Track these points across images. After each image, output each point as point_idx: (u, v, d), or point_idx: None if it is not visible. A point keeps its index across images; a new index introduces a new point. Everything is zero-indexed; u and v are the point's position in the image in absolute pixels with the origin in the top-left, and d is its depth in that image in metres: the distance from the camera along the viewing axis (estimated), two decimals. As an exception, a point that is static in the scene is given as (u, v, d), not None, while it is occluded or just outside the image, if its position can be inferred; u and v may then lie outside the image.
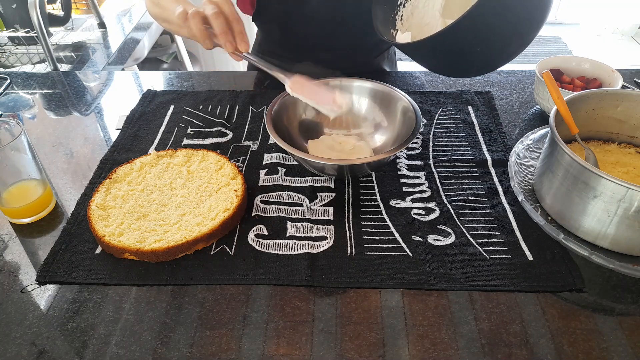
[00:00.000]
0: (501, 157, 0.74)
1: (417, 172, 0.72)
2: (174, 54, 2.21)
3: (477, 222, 0.63)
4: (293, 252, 0.60)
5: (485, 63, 0.67)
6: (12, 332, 0.52)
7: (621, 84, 0.77)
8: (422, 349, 0.50)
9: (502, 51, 0.64)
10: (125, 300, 0.55)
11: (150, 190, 0.67)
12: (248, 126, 0.83)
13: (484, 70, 0.72)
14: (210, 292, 0.56)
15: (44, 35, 1.22)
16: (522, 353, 0.49)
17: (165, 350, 0.50)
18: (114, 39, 1.56)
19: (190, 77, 1.01)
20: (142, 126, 0.84)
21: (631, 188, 0.50)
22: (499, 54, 0.65)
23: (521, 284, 0.55)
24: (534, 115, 0.85)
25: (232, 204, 0.63)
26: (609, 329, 0.51)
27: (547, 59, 0.84)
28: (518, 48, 0.64)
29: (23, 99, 0.95)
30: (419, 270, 0.57)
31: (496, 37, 0.62)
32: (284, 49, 0.99)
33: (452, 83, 0.94)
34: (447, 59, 0.67)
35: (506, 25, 0.60)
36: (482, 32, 0.60)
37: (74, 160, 0.78)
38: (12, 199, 0.64)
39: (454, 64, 0.69)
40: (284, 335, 0.51)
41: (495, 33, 0.61)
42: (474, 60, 0.65)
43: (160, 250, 0.58)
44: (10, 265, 0.60)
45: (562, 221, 0.60)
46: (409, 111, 0.71)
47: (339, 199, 0.68)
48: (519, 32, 0.62)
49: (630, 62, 3.00)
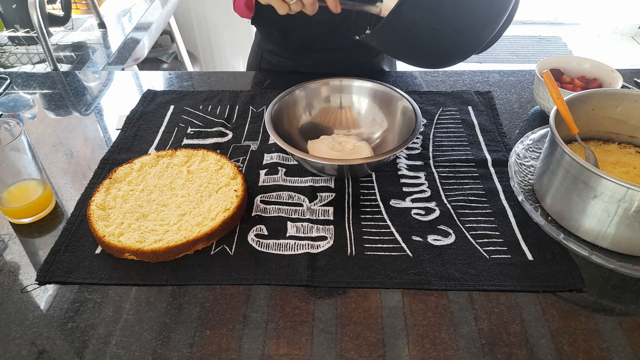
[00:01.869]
0: (501, 157, 0.74)
1: (417, 172, 0.72)
2: (174, 54, 2.21)
3: (477, 222, 0.63)
4: (293, 252, 0.60)
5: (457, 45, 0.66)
6: (12, 332, 0.52)
7: (621, 84, 0.77)
8: (422, 349, 0.50)
9: (469, 30, 0.63)
10: (125, 300, 0.55)
11: (150, 190, 0.67)
12: (248, 126, 0.83)
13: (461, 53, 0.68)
14: (210, 292, 0.56)
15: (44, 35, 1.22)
16: (522, 353, 0.49)
17: (165, 350, 0.50)
18: (114, 39, 1.56)
19: (190, 77, 1.01)
20: (142, 126, 0.84)
21: (631, 188, 0.50)
22: (466, 32, 0.64)
23: (521, 284, 0.55)
24: (534, 115, 0.85)
25: (232, 204, 0.63)
26: (609, 329, 0.51)
27: (547, 59, 0.84)
28: (485, 28, 0.63)
29: (23, 99, 0.95)
30: (419, 270, 0.57)
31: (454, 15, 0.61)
32: (284, 49, 0.99)
33: (452, 83, 0.94)
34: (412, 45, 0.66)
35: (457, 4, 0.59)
36: (433, 9, 0.59)
37: (74, 160, 0.78)
38: (12, 199, 0.64)
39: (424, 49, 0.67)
40: (284, 335, 0.51)
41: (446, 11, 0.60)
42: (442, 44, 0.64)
43: (160, 250, 0.58)
44: (10, 265, 0.60)
45: (562, 221, 0.60)
46: (409, 111, 0.72)
47: (339, 199, 0.68)
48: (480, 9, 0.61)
49: (630, 62, 3.00)
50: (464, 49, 0.66)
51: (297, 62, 0.98)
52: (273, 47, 1.00)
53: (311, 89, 0.78)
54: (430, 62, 0.73)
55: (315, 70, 0.95)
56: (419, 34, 0.62)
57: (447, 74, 0.97)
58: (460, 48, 0.66)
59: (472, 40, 0.65)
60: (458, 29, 0.62)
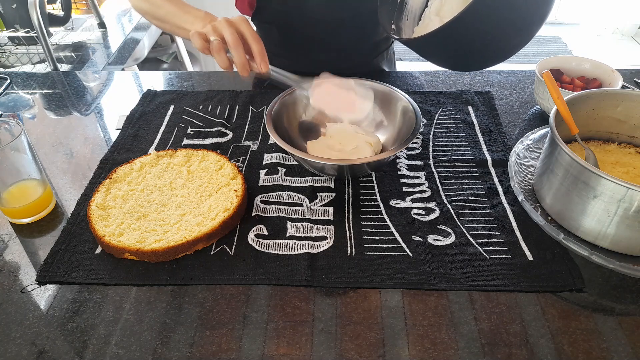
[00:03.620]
0: (501, 157, 0.74)
1: (417, 172, 0.72)
2: (174, 54, 2.21)
3: (477, 222, 0.63)
4: (293, 252, 0.60)
5: (496, 52, 0.68)
6: (12, 332, 0.52)
7: (621, 84, 0.77)
8: (422, 349, 0.50)
9: (511, 39, 0.66)
10: (125, 300, 0.55)
11: (150, 190, 0.67)
12: (248, 126, 0.83)
13: (496, 59, 0.72)
14: (210, 292, 0.56)
15: (44, 35, 1.22)
16: (522, 353, 0.49)
17: (165, 350, 0.50)
18: (114, 39, 1.56)
19: (190, 77, 1.01)
20: (142, 126, 0.84)
21: (631, 188, 0.50)
22: (507, 42, 0.66)
23: (521, 284, 0.55)
24: (534, 115, 0.85)
25: (232, 204, 0.63)
26: (609, 329, 0.51)
27: (547, 59, 0.84)
28: (526, 34, 0.65)
29: (23, 99, 0.95)
30: (419, 270, 0.57)
31: (504, 25, 0.63)
32: (284, 49, 0.99)
33: (452, 83, 0.94)
34: (456, 51, 0.68)
35: (516, 10, 0.61)
36: (489, 19, 0.61)
37: (74, 160, 0.78)
38: (12, 199, 0.64)
39: (464, 55, 0.70)
40: (284, 335, 0.51)
41: (502, 20, 0.62)
42: (483, 50, 0.66)
43: (160, 250, 0.58)
44: (10, 265, 0.60)
45: (562, 221, 0.60)
46: (409, 111, 0.71)
47: (339, 199, 0.68)
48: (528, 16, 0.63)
49: (630, 62, 3.00)
50: (502, 55, 0.68)
51: (296, 62, 0.98)
52: (273, 48, 1.00)
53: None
54: (466, 66, 0.76)
55: (315, 70, 0.95)
56: (469, 42, 0.65)
57: (447, 74, 0.97)
58: (501, 53, 0.68)
59: (513, 47, 0.67)
60: (508, 36, 0.65)
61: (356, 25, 0.88)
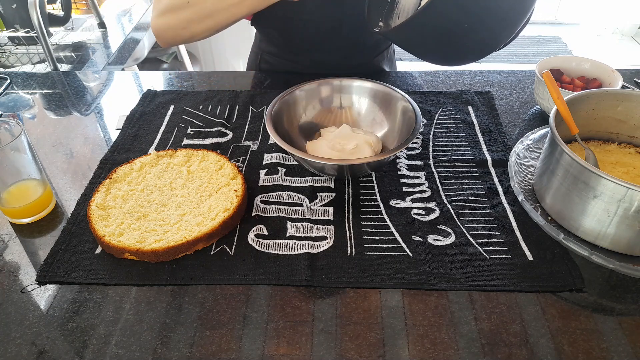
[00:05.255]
0: (501, 157, 0.74)
1: (417, 172, 0.72)
2: (174, 54, 2.21)
3: (477, 222, 0.63)
4: (293, 252, 0.60)
5: (480, 43, 0.66)
6: (12, 332, 0.52)
7: (621, 84, 0.77)
8: (422, 349, 0.50)
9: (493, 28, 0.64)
10: (125, 300, 0.55)
11: (150, 190, 0.67)
12: (248, 126, 0.83)
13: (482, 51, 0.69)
14: (210, 292, 0.56)
15: (44, 35, 1.22)
16: (522, 353, 0.49)
17: (165, 350, 0.50)
18: (114, 39, 1.56)
19: (190, 77, 1.01)
20: (142, 126, 0.84)
21: (631, 188, 0.50)
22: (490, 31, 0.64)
23: (521, 284, 0.55)
24: (534, 115, 0.85)
25: (232, 204, 0.63)
26: (609, 329, 0.51)
27: (547, 59, 0.84)
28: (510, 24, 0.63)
29: (23, 99, 0.95)
30: (419, 270, 0.57)
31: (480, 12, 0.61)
32: (284, 50, 0.99)
33: (452, 83, 0.94)
34: (437, 41, 0.66)
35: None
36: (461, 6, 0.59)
37: (74, 160, 0.78)
38: (12, 199, 0.64)
39: (447, 46, 0.67)
40: (284, 335, 0.51)
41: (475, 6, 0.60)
42: (465, 40, 0.64)
43: (160, 250, 0.58)
44: (10, 265, 0.60)
45: (562, 221, 0.60)
46: (409, 111, 0.72)
47: (339, 199, 0.68)
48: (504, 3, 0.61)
49: (630, 62, 3.00)
50: (486, 47, 0.66)
51: (296, 62, 0.98)
52: (273, 48, 1.00)
53: (311, 89, 0.78)
54: (449, 59, 0.73)
55: (315, 70, 0.95)
56: (446, 31, 0.62)
57: (447, 74, 0.97)
58: (484, 45, 0.66)
59: (496, 38, 0.65)
60: (486, 25, 0.62)
61: (356, 25, 0.88)
